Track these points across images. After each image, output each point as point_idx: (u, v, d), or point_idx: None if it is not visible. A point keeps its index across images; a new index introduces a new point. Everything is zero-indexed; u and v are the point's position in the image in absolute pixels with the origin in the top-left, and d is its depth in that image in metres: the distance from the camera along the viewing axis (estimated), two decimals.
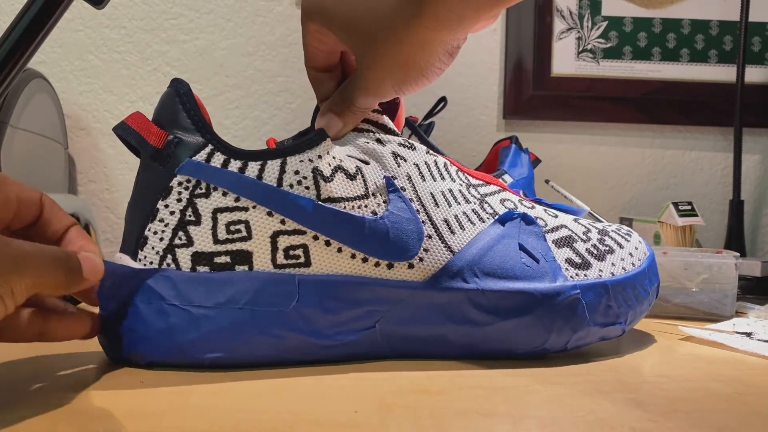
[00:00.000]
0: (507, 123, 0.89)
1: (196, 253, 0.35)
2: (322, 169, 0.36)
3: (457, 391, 0.32)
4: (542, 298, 0.38)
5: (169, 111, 0.36)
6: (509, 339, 0.38)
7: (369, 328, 0.37)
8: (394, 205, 0.37)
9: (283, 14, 0.86)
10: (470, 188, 0.40)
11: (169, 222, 0.35)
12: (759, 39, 0.90)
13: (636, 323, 0.42)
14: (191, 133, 0.36)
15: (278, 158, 0.36)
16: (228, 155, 0.35)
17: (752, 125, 0.88)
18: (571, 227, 0.42)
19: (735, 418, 0.29)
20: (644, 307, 0.42)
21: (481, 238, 0.38)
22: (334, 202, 0.36)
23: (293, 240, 0.35)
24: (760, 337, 0.46)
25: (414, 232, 0.37)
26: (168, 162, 0.35)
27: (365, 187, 0.37)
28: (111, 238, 0.83)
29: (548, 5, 0.88)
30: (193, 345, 0.34)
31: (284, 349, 0.35)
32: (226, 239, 0.35)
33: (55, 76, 0.81)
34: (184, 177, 0.35)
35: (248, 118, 0.85)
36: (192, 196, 0.35)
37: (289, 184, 0.35)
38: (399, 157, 0.38)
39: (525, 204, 0.42)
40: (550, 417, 0.29)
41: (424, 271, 0.37)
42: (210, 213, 0.35)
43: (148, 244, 0.35)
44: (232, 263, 0.35)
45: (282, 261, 0.35)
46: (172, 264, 0.35)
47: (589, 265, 0.40)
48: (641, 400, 0.31)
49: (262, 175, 0.35)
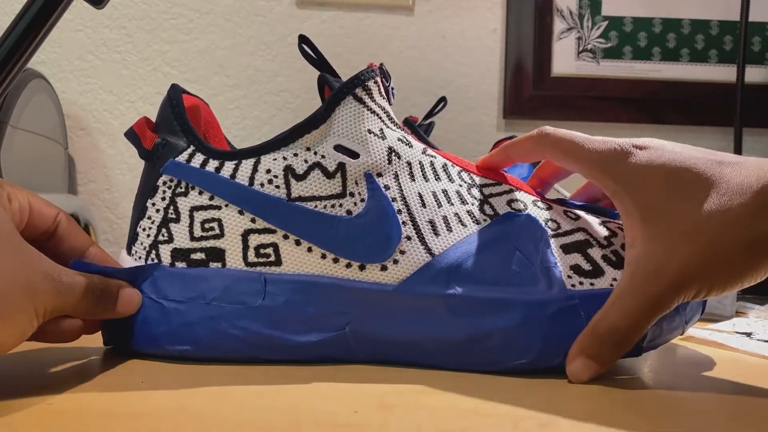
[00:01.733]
0: (507, 123, 0.89)
1: (175, 249, 0.36)
2: (296, 167, 0.36)
3: (457, 391, 0.32)
4: (529, 308, 0.34)
5: (162, 116, 0.38)
6: (491, 350, 0.35)
7: (339, 330, 0.36)
8: (372, 204, 0.36)
9: (283, 14, 0.86)
10: (472, 188, 0.38)
11: (155, 219, 0.37)
12: (759, 39, 0.90)
13: (662, 343, 0.37)
14: (177, 136, 0.37)
15: (253, 157, 0.36)
16: (207, 155, 0.37)
17: (752, 125, 0.88)
18: (592, 231, 0.38)
19: (735, 418, 0.29)
20: (674, 324, 0.36)
21: (468, 240, 0.36)
22: (304, 201, 0.36)
23: (264, 239, 0.36)
24: (760, 337, 0.46)
25: (390, 234, 0.35)
26: (156, 162, 0.37)
27: (343, 186, 0.36)
28: (111, 238, 0.83)
29: (548, 5, 0.88)
30: (164, 337, 0.36)
31: (251, 345, 0.36)
32: (201, 236, 0.36)
33: (55, 76, 0.81)
34: (168, 177, 0.37)
35: (248, 118, 0.85)
36: (174, 194, 0.37)
37: (260, 183, 0.36)
38: (394, 153, 0.37)
39: (539, 205, 0.39)
40: (550, 417, 0.29)
41: (398, 273, 0.35)
42: (188, 211, 0.37)
43: (138, 240, 0.38)
44: (207, 260, 0.36)
45: (253, 259, 0.36)
46: (155, 260, 0.37)
47: (600, 273, 0.36)
48: (641, 400, 0.31)
49: (235, 174, 0.36)
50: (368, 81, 0.37)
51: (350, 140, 0.36)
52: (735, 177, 0.32)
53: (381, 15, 0.87)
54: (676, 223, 0.32)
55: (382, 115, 0.38)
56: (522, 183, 0.41)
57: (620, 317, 0.33)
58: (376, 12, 0.87)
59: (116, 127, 0.84)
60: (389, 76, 0.39)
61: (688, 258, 0.32)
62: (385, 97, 0.39)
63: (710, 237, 0.32)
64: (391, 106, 0.39)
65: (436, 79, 0.88)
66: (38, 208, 0.34)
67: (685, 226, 0.32)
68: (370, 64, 0.38)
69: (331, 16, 0.86)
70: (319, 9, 0.86)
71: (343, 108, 0.36)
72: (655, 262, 0.32)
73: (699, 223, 0.32)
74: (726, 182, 0.32)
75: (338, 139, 0.36)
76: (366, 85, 0.37)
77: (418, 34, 0.88)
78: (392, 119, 0.38)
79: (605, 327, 0.33)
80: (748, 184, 0.32)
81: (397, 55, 0.87)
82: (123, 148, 0.84)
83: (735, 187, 0.32)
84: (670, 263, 0.32)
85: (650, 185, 0.33)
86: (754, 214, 0.31)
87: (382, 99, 0.38)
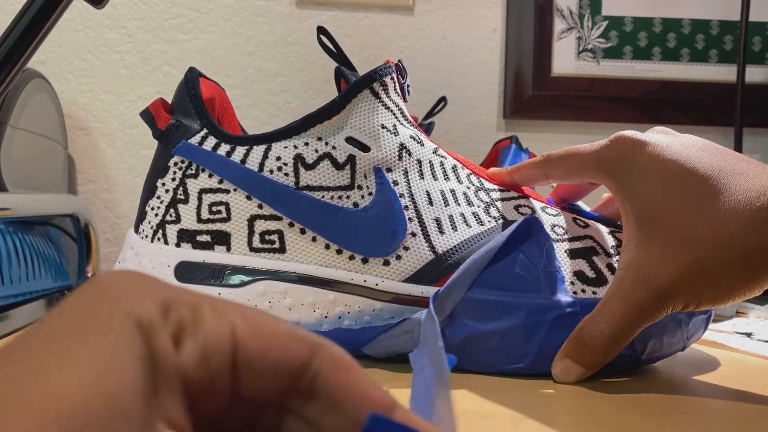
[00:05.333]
0: (507, 123, 0.89)
1: (182, 230, 0.37)
2: (306, 156, 0.36)
3: (457, 391, 0.32)
4: (530, 312, 0.34)
5: (178, 98, 0.39)
6: (489, 353, 0.35)
7: (338, 328, 0.36)
8: (379, 198, 0.36)
9: (283, 14, 0.86)
10: (480, 192, 0.38)
11: (164, 199, 0.38)
12: (759, 39, 0.90)
13: (662, 357, 0.37)
14: (191, 118, 0.38)
15: (264, 144, 0.37)
16: (220, 139, 0.37)
17: (752, 125, 0.88)
18: (600, 239, 0.37)
19: (735, 418, 0.29)
20: (675, 338, 0.36)
21: (472, 241, 0.36)
22: (312, 191, 0.36)
23: (269, 225, 0.36)
24: (760, 337, 0.46)
25: (395, 229, 0.35)
26: (169, 143, 0.38)
27: (351, 178, 0.36)
28: (111, 238, 0.83)
29: (548, 5, 0.88)
30: None
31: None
32: (208, 219, 0.37)
33: (54, 76, 0.81)
34: (179, 158, 0.37)
35: (248, 117, 0.85)
36: (184, 176, 0.37)
37: (270, 169, 0.36)
38: (405, 150, 0.37)
39: (548, 211, 0.38)
40: (550, 417, 0.28)
41: (400, 269, 0.35)
42: (196, 193, 0.37)
43: (146, 219, 0.38)
44: (212, 243, 0.36)
45: (257, 245, 0.36)
46: (161, 239, 0.37)
47: (604, 281, 0.35)
48: (641, 400, 0.31)
49: (246, 159, 0.36)
50: (385, 77, 0.37)
51: (362, 133, 0.36)
52: (735, 189, 0.31)
53: (381, 15, 0.87)
54: (669, 233, 0.31)
55: (396, 111, 0.38)
56: (532, 191, 0.40)
57: (607, 322, 0.32)
58: (376, 12, 0.87)
59: (116, 127, 0.84)
60: (406, 74, 0.39)
61: (677, 270, 0.31)
62: (400, 95, 0.39)
63: (703, 252, 0.30)
64: (406, 104, 0.40)
65: (436, 79, 0.88)
66: (266, 347, 0.16)
67: (678, 237, 0.31)
68: (387, 61, 0.38)
69: (331, 16, 0.86)
70: (319, 9, 0.86)
71: (359, 101, 0.36)
72: (644, 269, 0.31)
73: (692, 236, 0.31)
74: (725, 194, 0.31)
75: (351, 131, 0.36)
76: (383, 81, 0.37)
77: (418, 34, 0.88)
78: (406, 116, 0.38)
79: (592, 330, 0.32)
80: (747, 200, 0.30)
81: (397, 55, 0.87)
82: (123, 148, 0.84)
83: (733, 202, 0.30)
84: (659, 273, 0.31)
85: (647, 191, 0.32)
86: (749, 233, 0.30)
87: (397, 96, 0.38)
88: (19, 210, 0.57)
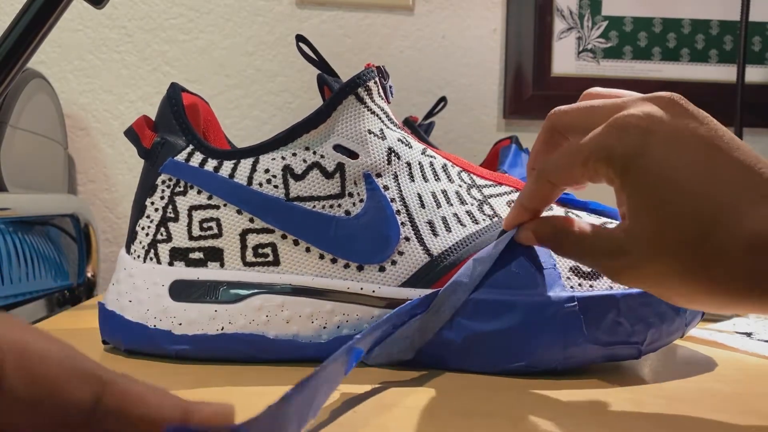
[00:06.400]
0: (507, 123, 0.89)
1: (174, 248, 0.36)
2: (294, 167, 0.36)
3: (457, 391, 0.32)
4: (528, 310, 0.34)
5: (162, 115, 0.38)
6: (489, 352, 0.34)
7: (338, 331, 0.36)
8: (371, 205, 0.36)
9: (283, 14, 0.86)
10: (472, 189, 0.38)
11: (154, 218, 0.37)
12: (759, 39, 0.90)
13: (662, 345, 0.37)
14: (176, 134, 0.37)
15: (251, 157, 0.36)
16: (206, 154, 0.37)
17: (752, 125, 0.88)
18: None
19: (735, 418, 0.29)
20: (674, 326, 0.36)
21: (468, 241, 0.36)
22: (303, 201, 0.36)
23: (262, 238, 0.36)
24: (760, 337, 0.46)
25: (388, 234, 0.35)
26: (156, 161, 0.37)
27: (341, 186, 0.36)
28: (110, 238, 0.83)
29: (548, 5, 0.88)
30: (164, 337, 0.36)
31: (251, 346, 0.35)
32: (199, 236, 0.36)
33: (54, 76, 0.81)
34: (167, 176, 0.37)
35: (248, 118, 0.85)
36: (172, 193, 0.37)
37: (259, 182, 0.36)
38: (393, 154, 0.37)
39: None
40: (550, 417, 0.28)
41: (396, 274, 0.35)
42: (186, 210, 0.36)
43: (137, 239, 0.38)
44: (205, 259, 0.36)
45: (251, 259, 0.36)
46: (154, 258, 0.37)
47: (599, 274, 0.35)
48: (641, 400, 0.31)
49: (234, 173, 0.36)
50: (369, 81, 0.37)
51: (350, 140, 0.36)
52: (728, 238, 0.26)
53: (381, 15, 0.87)
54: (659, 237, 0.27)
55: (382, 115, 0.38)
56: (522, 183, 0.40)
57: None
58: (376, 12, 0.87)
59: (116, 127, 0.84)
60: (387, 75, 0.39)
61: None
62: (384, 98, 0.39)
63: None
64: (390, 105, 0.39)
65: (436, 79, 0.88)
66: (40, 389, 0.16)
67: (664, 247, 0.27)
68: (368, 65, 0.38)
69: (331, 16, 0.86)
70: (319, 9, 0.86)
71: (344, 108, 0.36)
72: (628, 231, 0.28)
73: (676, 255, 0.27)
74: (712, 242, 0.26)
75: (338, 138, 0.36)
76: (367, 85, 0.37)
77: (418, 34, 0.88)
78: (392, 119, 0.38)
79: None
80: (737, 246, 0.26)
81: (397, 55, 0.87)
82: (123, 148, 0.84)
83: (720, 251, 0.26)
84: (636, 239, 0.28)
85: (638, 214, 0.28)
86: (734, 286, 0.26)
87: (382, 100, 0.38)
88: (19, 210, 0.57)
